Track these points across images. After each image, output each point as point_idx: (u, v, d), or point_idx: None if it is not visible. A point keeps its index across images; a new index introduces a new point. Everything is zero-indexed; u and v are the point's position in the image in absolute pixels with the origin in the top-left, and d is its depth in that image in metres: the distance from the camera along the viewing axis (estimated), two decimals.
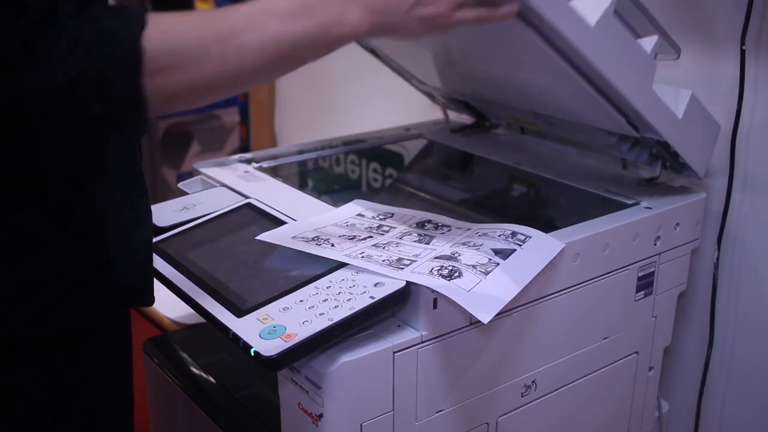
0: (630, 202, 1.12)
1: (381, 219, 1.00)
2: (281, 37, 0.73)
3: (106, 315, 0.86)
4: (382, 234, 0.96)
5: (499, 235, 0.93)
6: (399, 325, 0.89)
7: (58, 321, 0.80)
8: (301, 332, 0.81)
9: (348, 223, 0.99)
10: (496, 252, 0.90)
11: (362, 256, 0.89)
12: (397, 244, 0.93)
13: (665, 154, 1.10)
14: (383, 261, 0.88)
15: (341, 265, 0.90)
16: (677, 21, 1.26)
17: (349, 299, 0.85)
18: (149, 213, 0.91)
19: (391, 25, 0.79)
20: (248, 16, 0.72)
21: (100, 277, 0.82)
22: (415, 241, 0.94)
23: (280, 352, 0.79)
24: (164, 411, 1.24)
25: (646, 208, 1.10)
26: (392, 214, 1.01)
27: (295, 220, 1.02)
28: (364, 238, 0.94)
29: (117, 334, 0.90)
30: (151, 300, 0.91)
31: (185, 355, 1.20)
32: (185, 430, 1.20)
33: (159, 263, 0.99)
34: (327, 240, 0.94)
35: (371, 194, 1.38)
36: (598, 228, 1.03)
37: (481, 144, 1.40)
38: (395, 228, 0.97)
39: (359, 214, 1.02)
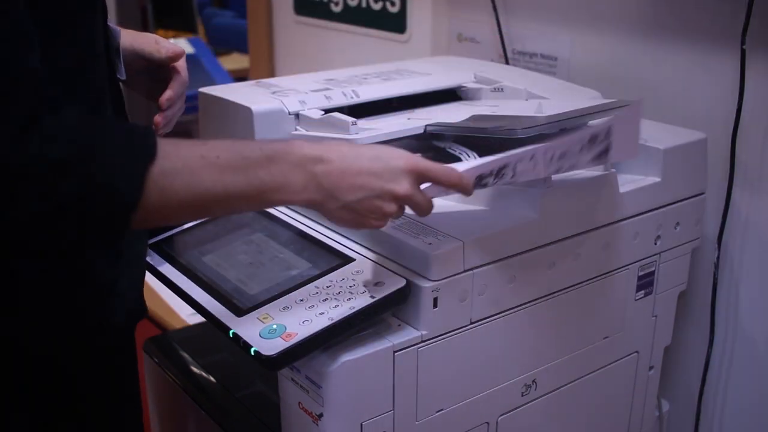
0: None
1: None
2: (213, 188, 0.72)
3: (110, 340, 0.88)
4: None
5: None
6: (399, 325, 0.89)
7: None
8: (301, 332, 0.81)
9: None
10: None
11: None
12: None
13: None
14: None
15: (341, 264, 0.91)
16: (677, 21, 1.26)
17: (349, 298, 0.85)
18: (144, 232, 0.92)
19: (325, 209, 0.78)
20: (184, 159, 0.71)
21: (109, 295, 0.84)
22: None
23: (280, 351, 0.79)
24: (164, 411, 1.24)
25: None
26: None
27: (294, 219, 1.02)
28: None
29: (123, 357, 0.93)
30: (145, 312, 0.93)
31: (185, 355, 1.20)
32: (185, 430, 1.20)
33: (159, 263, 0.99)
34: None
35: None
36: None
37: None
38: None
39: None
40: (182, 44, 3.98)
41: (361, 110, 1.17)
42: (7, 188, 0.62)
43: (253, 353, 0.80)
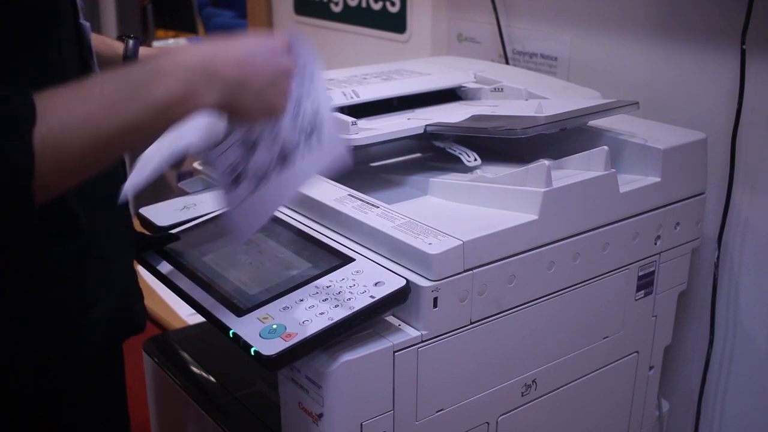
0: None
1: None
2: (108, 128, 0.65)
3: (97, 352, 0.87)
4: None
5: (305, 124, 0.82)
6: (399, 325, 0.89)
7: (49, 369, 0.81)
8: (301, 332, 0.81)
9: None
10: (282, 150, 0.80)
11: None
12: None
13: None
14: None
15: (341, 264, 0.91)
16: (677, 21, 1.26)
17: (349, 298, 0.85)
18: (130, 243, 0.91)
19: (236, 106, 0.73)
20: (69, 108, 0.65)
21: (83, 316, 0.83)
22: None
23: (280, 351, 0.79)
24: (164, 410, 1.24)
25: None
26: None
27: (294, 219, 1.03)
28: None
29: (114, 362, 0.92)
30: (142, 327, 0.92)
31: (185, 355, 1.20)
32: (185, 430, 1.20)
33: (159, 263, 0.99)
34: None
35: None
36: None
37: None
38: None
39: None
40: (182, 44, 3.98)
41: (361, 110, 1.17)
42: None
43: (253, 353, 0.80)
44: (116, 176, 0.85)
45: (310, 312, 0.84)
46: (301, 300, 0.86)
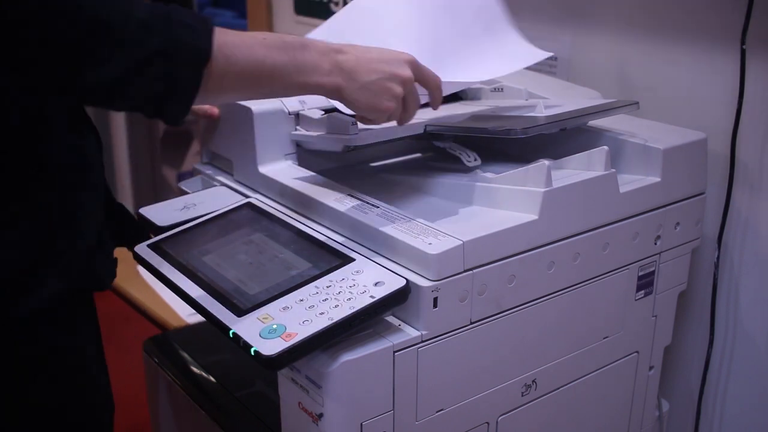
0: None
1: None
2: (264, 61, 0.83)
3: (63, 299, 0.87)
4: None
5: None
6: (399, 325, 0.89)
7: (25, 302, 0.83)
8: (301, 332, 0.81)
9: None
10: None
11: None
12: None
13: None
14: None
15: (341, 264, 0.91)
16: (677, 21, 1.26)
17: (350, 298, 0.85)
18: (99, 207, 0.92)
19: (346, 92, 0.89)
20: (240, 37, 0.83)
21: (46, 262, 0.84)
22: None
23: (280, 351, 0.79)
24: (164, 410, 1.24)
25: None
26: None
27: (294, 218, 1.03)
28: None
29: (78, 319, 0.92)
30: (103, 285, 0.92)
31: (185, 355, 1.20)
32: (185, 430, 1.20)
33: (159, 263, 0.99)
34: None
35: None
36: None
37: None
38: None
39: None
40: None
41: None
42: (104, 43, 0.72)
43: (253, 353, 0.80)
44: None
45: (310, 312, 0.84)
46: (301, 300, 0.86)
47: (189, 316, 1.59)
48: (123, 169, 2.81)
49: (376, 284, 0.86)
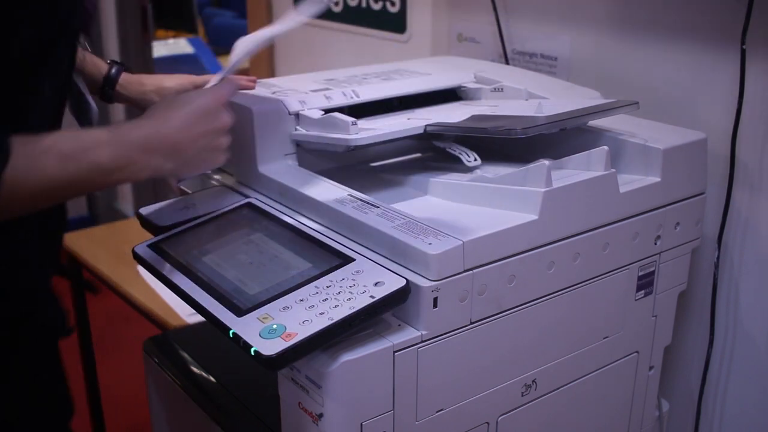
0: None
1: None
2: (58, 177, 0.79)
3: None
4: None
5: None
6: (399, 325, 0.89)
7: None
8: (301, 332, 0.81)
9: None
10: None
11: None
12: None
13: None
14: None
15: (341, 264, 0.91)
16: (677, 21, 1.26)
17: (350, 298, 0.85)
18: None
19: (174, 171, 0.90)
20: (33, 154, 0.78)
21: None
22: None
23: (280, 351, 0.79)
24: (164, 411, 1.24)
25: None
26: None
27: (294, 218, 1.03)
28: None
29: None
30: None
31: (185, 355, 1.20)
32: (185, 430, 1.20)
33: (159, 263, 0.99)
34: None
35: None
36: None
37: None
38: None
39: None
40: (182, 44, 3.98)
41: (361, 110, 1.17)
42: None
43: (253, 353, 0.80)
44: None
45: (310, 312, 0.84)
46: (301, 300, 0.86)
47: (189, 316, 1.59)
48: None
49: (376, 284, 0.86)
